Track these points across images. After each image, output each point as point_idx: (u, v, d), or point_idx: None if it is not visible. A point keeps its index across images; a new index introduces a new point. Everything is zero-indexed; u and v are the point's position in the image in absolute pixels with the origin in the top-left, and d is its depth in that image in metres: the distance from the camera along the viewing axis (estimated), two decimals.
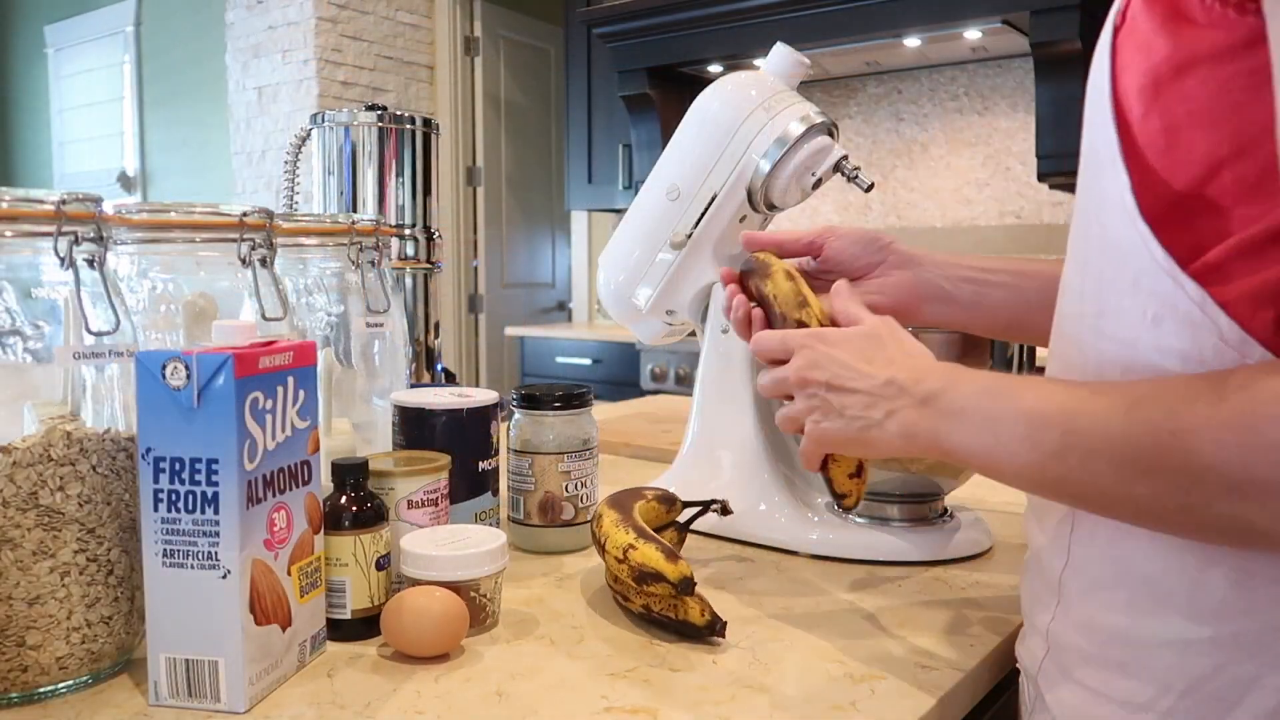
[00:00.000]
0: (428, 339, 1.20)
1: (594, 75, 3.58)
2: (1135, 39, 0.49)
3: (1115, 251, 0.50)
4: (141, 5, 4.61)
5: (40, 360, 0.58)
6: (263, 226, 0.71)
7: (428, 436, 0.79)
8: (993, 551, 0.87)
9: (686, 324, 0.99)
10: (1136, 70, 0.49)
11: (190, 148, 4.46)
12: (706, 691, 0.59)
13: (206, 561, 0.55)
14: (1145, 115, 0.49)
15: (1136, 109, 0.49)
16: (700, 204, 0.92)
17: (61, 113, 5.17)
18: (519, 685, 0.59)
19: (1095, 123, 0.51)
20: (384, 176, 1.16)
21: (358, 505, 0.65)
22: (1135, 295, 0.49)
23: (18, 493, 0.54)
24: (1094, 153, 0.52)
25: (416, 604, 0.62)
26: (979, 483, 1.10)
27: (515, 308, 4.51)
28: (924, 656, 0.64)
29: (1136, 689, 0.50)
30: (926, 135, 3.23)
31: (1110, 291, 0.51)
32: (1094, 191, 0.52)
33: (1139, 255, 0.49)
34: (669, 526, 0.79)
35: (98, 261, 0.58)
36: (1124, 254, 0.49)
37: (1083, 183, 0.54)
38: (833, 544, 0.84)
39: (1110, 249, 0.51)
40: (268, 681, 0.57)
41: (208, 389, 0.54)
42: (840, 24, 2.77)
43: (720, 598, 0.74)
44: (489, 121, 4.29)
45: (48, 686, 0.56)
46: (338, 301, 0.87)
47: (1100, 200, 0.51)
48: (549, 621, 0.70)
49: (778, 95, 0.90)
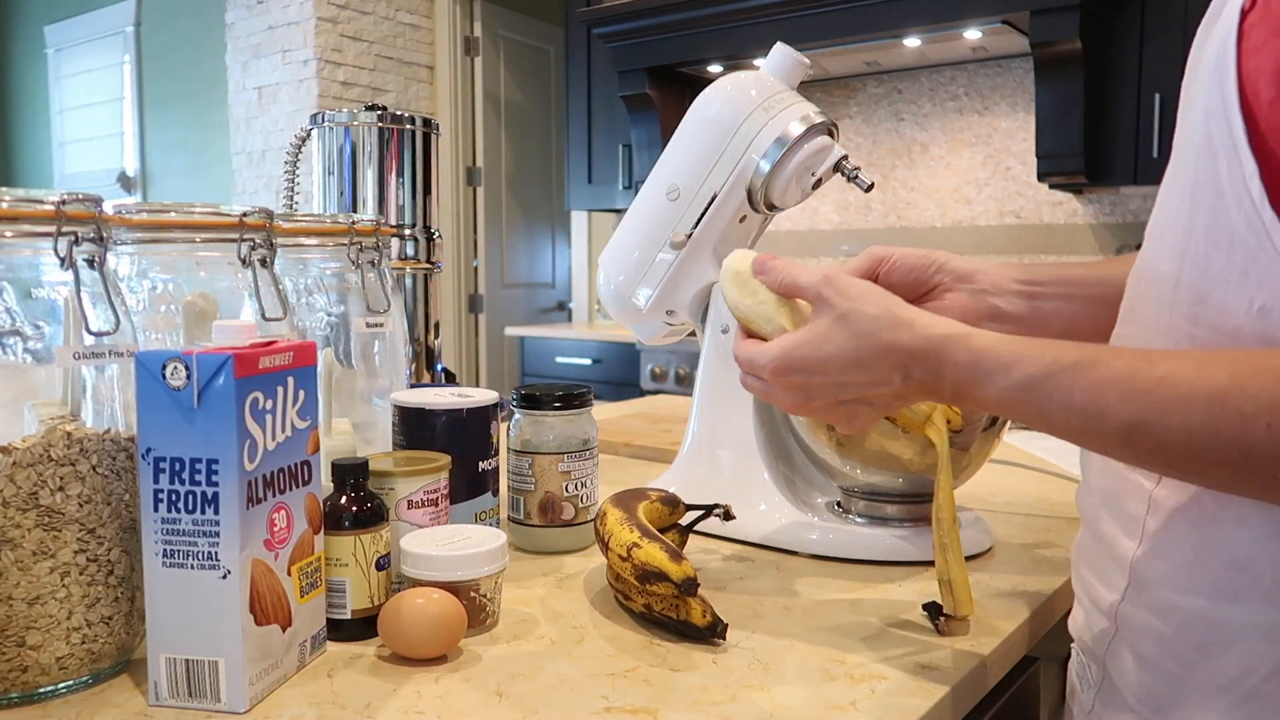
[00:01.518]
0: (428, 339, 1.20)
1: (594, 75, 3.58)
2: (1270, 21, 0.48)
3: (1225, 239, 0.49)
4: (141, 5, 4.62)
5: (40, 360, 0.58)
6: (263, 226, 0.71)
7: (428, 436, 0.79)
8: (993, 551, 0.87)
9: (686, 324, 0.99)
10: (1270, 53, 0.47)
11: (190, 148, 4.47)
12: (707, 691, 0.59)
13: (206, 562, 0.55)
14: (1275, 100, 0.47)
15: (1266, 93, 0.48)
16: (700, 204, 0.92)
17: (61, 113, 5.17)
18: (519, 685, 0.59)
19: (1213, 109, 0.50)
20: (384, 176, 1.16)
21: (358, 505, 0.65)
22: (1243, 285, 0.49)
23: (18, 493, 0.54)
24: (1209, 141, 0.50)
25: (414, 606, 0.62)
26: (979, 483, 1.10)
27: (515, 308, 4.51)
28: (924, 656, 0.64)
29: (1218, 671, 0.51)
30: (926, 135, 3.23)
31: (1215, 281, 0.50)
32: (1206, 179, 0.50)
33: (1255, 245, 0.48)
34: (671, 528, 0.79)
35: (98, 261, 0.58)
36: (1235, 242, 0.49)
37: (1189, 172, 0.52)
38: (833, 544, 0.84)
39: (1219, 237, 0.50)
40: (268, 682, 0.57)
41: (208, 389, 0.54)
42: (840, 24, 2.77)
43: (721, 598, 0.74)
44: (489, 121, 4.29)
45: (48, 686, 0.56)
46: (338, 301, 0.87)
47: (1215, 189, 0.50)
48: (549, 621, 0.70)
49: (778, 95, 0.90)
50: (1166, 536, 0.54)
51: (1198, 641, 0.52)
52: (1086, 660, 0.62)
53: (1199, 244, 0.51)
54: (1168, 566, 0.54)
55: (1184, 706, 0.53)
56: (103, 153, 4.91)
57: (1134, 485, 0.57)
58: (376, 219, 0.90)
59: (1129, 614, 0.57)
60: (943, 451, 0.68)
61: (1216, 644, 0.51)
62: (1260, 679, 0.50)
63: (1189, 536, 0.53)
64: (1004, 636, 0.67)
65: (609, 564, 0.71)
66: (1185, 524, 0.53)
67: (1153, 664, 0.55)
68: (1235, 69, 0.49)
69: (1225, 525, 0.51)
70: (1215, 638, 0.52)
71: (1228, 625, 0.51)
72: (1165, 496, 0.54)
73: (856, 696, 0.58)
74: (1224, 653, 0.51)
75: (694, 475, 0.94)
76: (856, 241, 3.39)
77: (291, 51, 3.80)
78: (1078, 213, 2.98)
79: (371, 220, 0.88)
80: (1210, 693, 0.52)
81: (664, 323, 0.99)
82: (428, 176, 1.19)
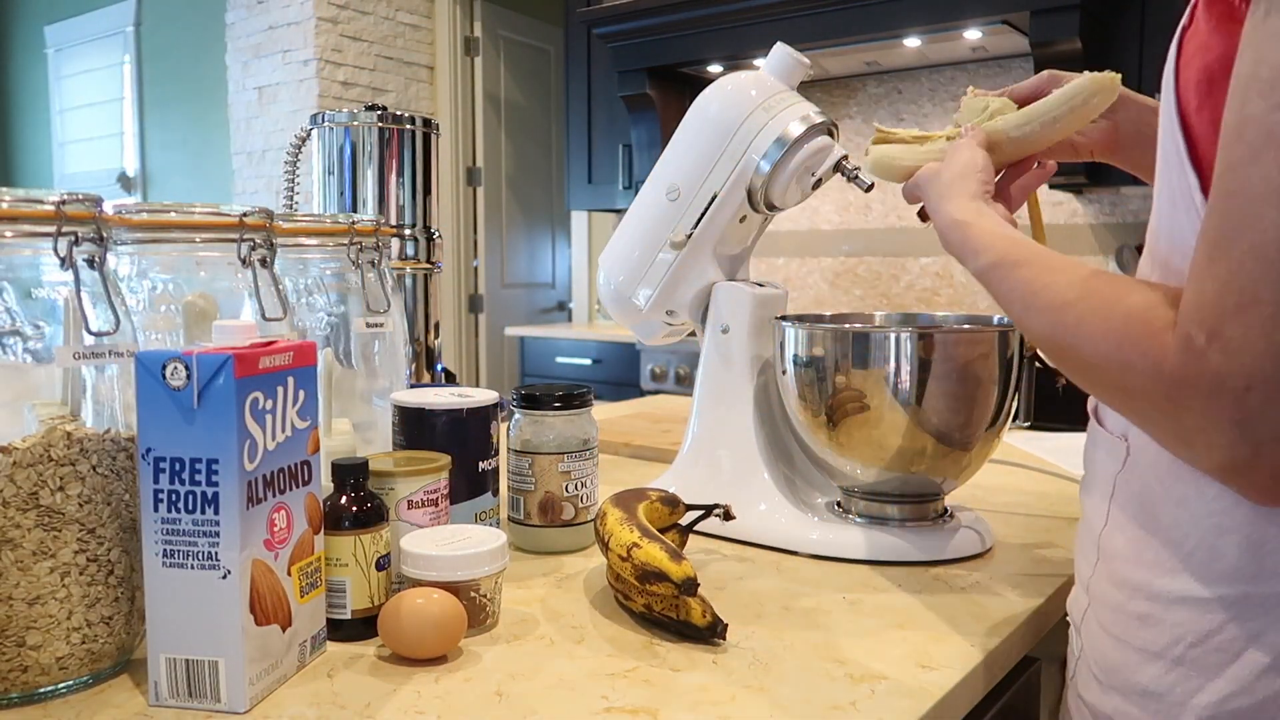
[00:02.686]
0: (428, 339, 1.20)
1: (594, 75, 3.58)
2: (1197, 39, 0.52)
3: (1184, 248, 0.52)
4: (141, 5, 4.62)
5: (40, 360, 0.58)
6: (263, 227, 0.71)
7: (428, 436, 0.79)
8: (993, 551, 0.87)
9: (686, 324, 0.99)
10: (1194, 67, 0.52)
11: (190, 148, 4.46)
12: (707, 692, 0.59)
13: (206, 562, 0.55)
14: (1199, 109, 0.51)
15: (1193, 102, 0.52)
16: (700, 204, 0.92)
17: (61, 113, 5.17)
18: (519, 685, 0.59)
19: (1163, 130, 0.54)
20: (384, 176, 1.16)
21: (358, 505, 0.65)
22: None
23: (18, 493, 0.54)
24: (1165, 156, 0.55)
25: (414, 606, 0.62)
26: (979, 483, 1.10)
27: (515, 308, 4.51)
28: (924, 656, 0.64)
29: (1153, 638, 0.56)
30: None
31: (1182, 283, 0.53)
32: (1166, 193, 0.55)
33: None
34: (671, 528, 0.79)
35: (97, 261, 0.58)
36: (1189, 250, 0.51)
37: (1159, 186, 0.56)
38: (833, 544, 0.84)
39: (1180, 245, 0.53)
40: (268, 682, 0.57)
41: (208, 389, 0.54)
42: (840, 24, 2.77)
43: (721, 598, 0.74)
44: (489, 121, 4.29)
45: (48, 686, 0.56)
46: (338, 301, 0.87)
47: (1171, 200, 0.54)
48: (549, 621, 0.70)
49: (778, 95, 0.90)
50: (1122, 516, 0.59)
51: (1140, 612, 0.57)
52: (1073, 633, 0.66)
53: (1171, 255, 0.55)
54: (1123, 540, 0.59)
55: (1124, 670, 0.58)
56: (103, 153, 4.91)
57: (1105, 470, 0.62)
58: (376, 219, 0.90)
59: (1097, 587, 0.62)
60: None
61: (1153, 614, 0.56)
62: (1186, 647, 0.54)
63: (1138, 515, 0.58)
64: (1004, 636, 0.67)
65: (609, 564, 0.71)
66: (1136, 504, 0.58)
67: (1109, 632, 0.60)
68: (1174, 85, 0.53)
69: (1168, 506, 0.56)
70: (1152, 609, 0.56)
71: (1163, 597, 0.56)
72: (1125, 480, 0.59)
73: (856, 696, 0.58)
74: (1158, 622, 0.56)
75: (694, 475, 0.94)
76: (856, 241, 3.40)
77: (291, 51, 3.80)
78: (1078, 213, 2.98)
79: (371, 220, 0.88)
80: (1147, 658, 0.56)
81: (664, 323, 0.99)
82: (428, 176, 1.19)
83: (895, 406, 0.80)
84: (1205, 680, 0.53)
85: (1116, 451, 0.61)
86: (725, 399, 0.93)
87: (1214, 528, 0.53)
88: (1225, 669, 0.53)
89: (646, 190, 0.96)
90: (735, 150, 0.89)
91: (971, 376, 0.81)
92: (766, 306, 0.93)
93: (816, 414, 0.85)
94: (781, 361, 0.87)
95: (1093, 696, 0.61)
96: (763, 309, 0.93)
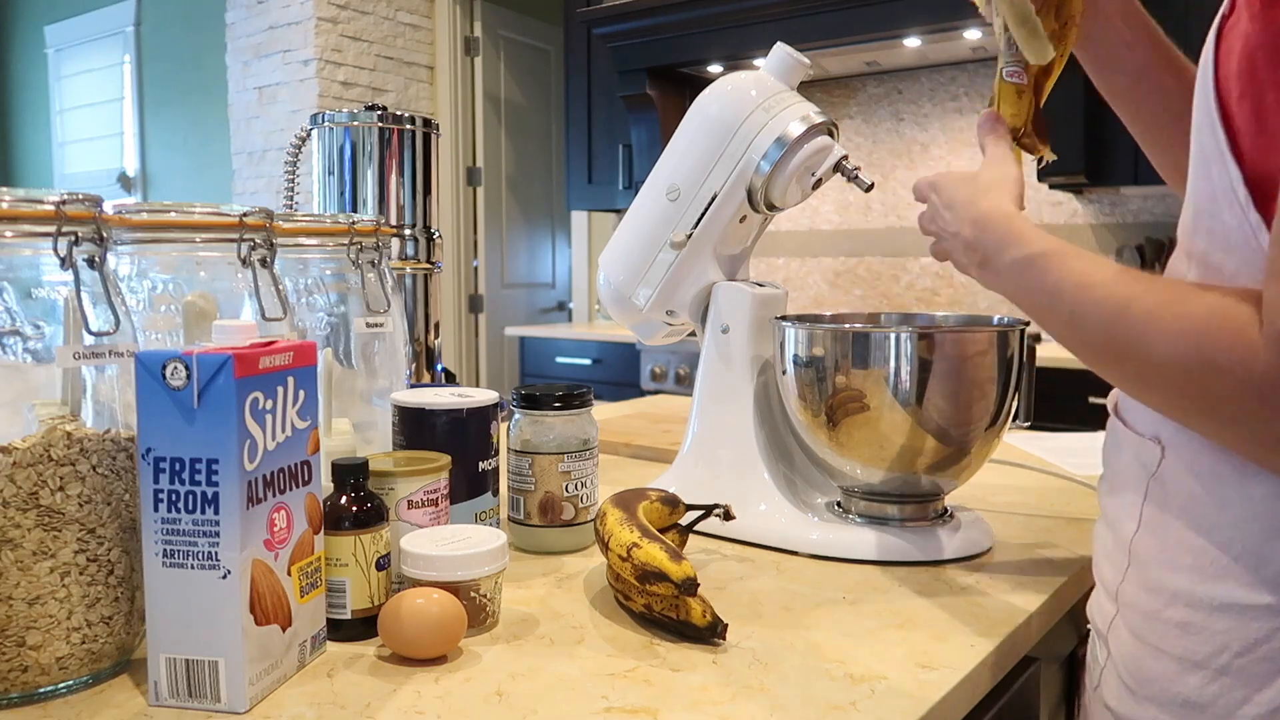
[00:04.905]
0: (428, 339, 1.20)
1: (594, 75, 3.58)
2: (1238, 28, 0.50)
3: (1225, 243, 0.51)
4: (141, 5, 4.62)
5: (40, 360, 0.58)
6: (263, 227, 0.71)
7: (428, 436, 0.79)
8: (993, 551, 0.87)
9: (686, 324, 0.99)
10: (1235, 55, 0.50)
11: (190, 148, 4.46)
12: (706, 692, 0.59)
13: (206, 562, 0.55)
14: (1241, 98, 0.50)
15: (1234, 92, 0.50)
16: (700, 204, 0.92)
17: (61, 113, 5.17)
18: (519, 685, 0.59)
19: (1200, 123, 0.53)
20: (384, 176, 1.16)
21: (358, 505, 0.65)
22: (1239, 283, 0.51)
23: (18, 493, 0.54)
24: (1201, 149, 0.53)
25: (414, 606, 0.62)
26: (979, 483, 1.10)
27: (515, 308, 4.51)
28: (924, 656, 0.64)
29: (1194, 647, 0.54)
30: (926, 135, 3.23)
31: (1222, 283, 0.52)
32: (1204, 186, 0.53)
33: (1248, 247, 0.50)
34: (671, 528, 0.79)
35: (97, 261, 0.58)
36: (1232, 246, 0.51)
37: (1193, 181, 0.55)
38: (833, 544, 0.84)
39: (1219, 240, 0.52)
40: (268, 682, 0.57)
41: (208, 389, 0.54)
42: (840, 24, 2.77)
43: (721, 598, 0.74)
44: (489, 121, 4.29)
45: (48, 686, 0.56)
46: (338, 301, 0.87)
47: (1211, 195, 0.52)
48: (549, 621, 0.70)
49: (778, 95, 0.90)
50: (1160, 518, 0.57)
51: (1180, 620, 0.55)
52: (1096, 640, 0.64)
53: (1207, 247, 0.53)
54: (1159, 545, 0.57)
55: (1161, 680, 0.56)
56: (103, 153, 4.91)
57: (1134, 472, 0.60)
58: (376, 219, 0.90)
59: (1127, 593, 0.60)
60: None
61: (1195, 622, 0.54)
62: (1231, 656, 0.52)
63: (1178, 518, 0.56)
64: (1004, 636, 0.67)
65: (609, 564, 0.71)
66: (1176, 507, 0.56)
67: (1142, 640, 0.57)
68: (1214, 77, 0.51)
69: (1209, 509, 0.53)
70: (1194, 617, 0.54)
71: (1205, 604, 0.53)
72: (1161, 481, 0.57)
73: (856, 696, 0.58)
74: (1200, 629, 0.54)
75: (694, 475, 0.94)
76: (856, 241, 3.39)
77: (291, 51, 3.80)
78: (1078, 213, 2.98)
79: (371, 220, 0.88)
80: (1188, 667, 0.54)
81: (664, 323, 0.99)
82: (428, 176, 1.19)
83: (895, 406, 0.80)
84: (1252, 691, 0.51)
85: (1148, 453, 0.58)
86: (725, 399, 0.93)
87: (1261, 531, 0.51)
88: (1275, 679, 0.51)
89: (646, 190, 0.96)
90: (735, 150, 0.90)
91: (971, 376, 0.81)
92: (766, 306, 0.93)
93: (816, 414, 0.85)
94: (781, 361, 0.87)
95: (1124, 707, 0.59)
96: (763, 309, 0.93)
